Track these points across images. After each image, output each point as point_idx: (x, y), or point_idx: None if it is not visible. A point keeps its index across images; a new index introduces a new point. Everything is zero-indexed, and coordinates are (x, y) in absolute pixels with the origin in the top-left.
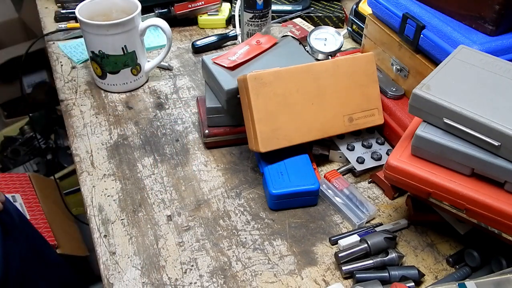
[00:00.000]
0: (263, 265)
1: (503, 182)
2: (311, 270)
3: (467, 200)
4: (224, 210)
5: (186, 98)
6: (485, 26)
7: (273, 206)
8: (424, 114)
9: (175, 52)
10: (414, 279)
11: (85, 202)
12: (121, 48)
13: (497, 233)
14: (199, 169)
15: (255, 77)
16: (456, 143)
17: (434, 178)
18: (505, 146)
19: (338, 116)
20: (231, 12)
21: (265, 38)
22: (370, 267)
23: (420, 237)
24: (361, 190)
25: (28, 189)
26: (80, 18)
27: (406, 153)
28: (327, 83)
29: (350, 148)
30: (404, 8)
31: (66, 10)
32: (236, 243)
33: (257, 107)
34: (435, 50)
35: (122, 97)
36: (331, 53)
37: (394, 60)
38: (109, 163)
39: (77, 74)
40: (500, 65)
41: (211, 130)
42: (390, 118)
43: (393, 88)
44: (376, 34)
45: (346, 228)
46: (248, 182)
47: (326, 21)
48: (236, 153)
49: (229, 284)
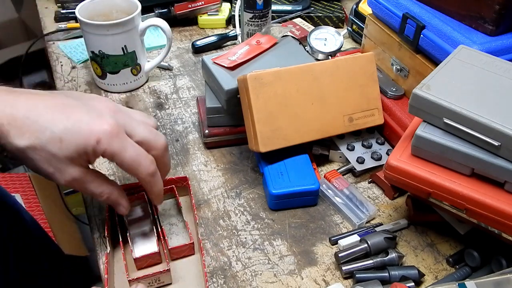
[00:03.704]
0: (263, 265)
1: (503, 182)
2: (311, 270)
3: (467, 200)
4: (224, 210)
5: (186, 98)
6: (485, 26)
7: (273, 206)
8: (424, 114)
9: (175, 52)
10: (414, 279)
11: (85, 202)
12: (121, 48)
13: (497, 233)
14: (199, 169)
15: (255, 77)
16: (456, 143)
17: (434, 178)
18: (505, 146)
19: (338, 116)
20: (231, 12)
21: (265, 38)
22: (370, 267)
23: (420, 237)
24: (361, 190)
25: (28, 189)
26: (80, 18)
27: (406, 153)
28: (327, 83)
29: (350, 148)
30: (404, 8)
31: (66, 10)
32: (236, 243)
33: (257, 107)
34: (435, 50)
35: (122, 97)
36: (331, 53)
37: (394, 60)
38: (109, 163)
39: (77, 74)
40: (500, 65)
41: (211, 130)
42: (390, 118)
43: (393, 88)
44: (376, 34)
45: (346, 228)
46: (248, 182)
47: (326, 21)
48: (236, 153)
49: (229, 284)
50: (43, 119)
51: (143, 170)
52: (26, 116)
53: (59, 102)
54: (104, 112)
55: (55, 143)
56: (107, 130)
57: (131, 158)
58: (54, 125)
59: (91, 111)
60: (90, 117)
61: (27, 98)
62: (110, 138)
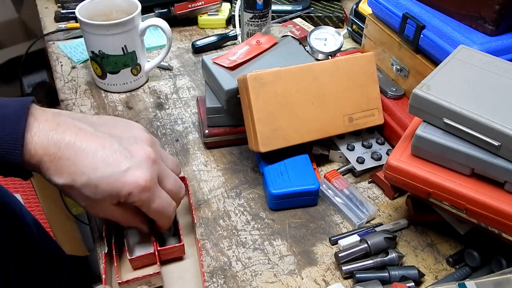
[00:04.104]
0: (263, 265)
1: (503, 182)
2: (311, 270)
3: (467, 200)
4: (224, 210)
5: (186, 98)
6: (485, 26)
7: (273, 206)
8: (424, 114)
9: (175, 52)
10: (414, 279)
11: None
12: (121, 48)
13: (497, 233)
14: (199, 169)
15: (255, 77)
16: (456, 143)
17: (434, 178)
18: (505, 146)
19: (338, 116)
20: (231, 12)
21: (265, 38)
22: (370, 267)
23: (420, 237)
24: (361, 190)
25: (28, 189)
26: (80, 18)
27: (406, 153)
28: (327, 83)
29: (350, 148)
30: (404, 8)
31: (66, 10)
32: (236, 243)
33: (257, 107)
34: (435, 50)
35: (122, 97)
36: (331, 53)
37: (394, 60)
38: None
39: (77, 74)
40: (500, 65)
41: (211, 130)
42: (390, 118)
43: (393, 88)
44: (376, 34)
45: (346, 228)
46: (248, 182)
47: (326, 21)
48: (236, 153)
49: (229, 284)
50: (83, 164)
51: (165, 218)
52: (67, 157)
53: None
54: (142, 163)
55: (90, 188)
56: (141, 185)
57: (156, 209)
58: (92, 173)
59: (130, 158)
60: (128, 167)
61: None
62: (142, 192)
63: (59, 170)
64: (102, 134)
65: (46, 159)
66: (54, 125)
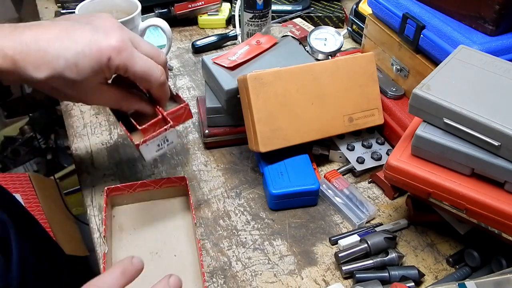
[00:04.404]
0: (263, 265)
1: (503, 182)
2: (311, 270)
3: (467, 200)
4: (224, 210)
5: (186, 98)
6: (485, 26)
7: (273, 206)
8: (424, 114)
9: (175, 52)
10: (414, 279)
11: (85, 202)
12: None
13: (497, 233)
14: (199, 169)
15: (255, 77)
16: (456, 143)
17: (434, 178)
18: (505, 146)
19: (338, 116)
20: (231, 12)
21: (265, 38)
22: (370, 267)
23: (420, 237)
24: (361, 190)
25: (28, 189)
26: None
27: (406, 153)
28: (327, 83)
29: (350, 148)
30: (404, 8)
31: (66, 10)
32: (236, 243)
33: (257, 107)
34: (435, 50)
35: None
36: (331, 53)
37: (394, 60)
38: (109, 163)
39: None
40: (500, 65)
41: (211, 130)
42: (390, 118)
43: (393, 88)
44: (376, 34)
45: (346, 228)
46: (248, 182)
47: (326, 21)
48: (236, 153)
49: (229, 284)
50: (53, 48)
51: (155, 80)
52: (36, 49)
53: (63, 28)
54: (109, 29)
55: (71, 69)
56: (116, 46)
57: (142, 69)
58: (66, 52)
59: (96, 29)
60: (97, 36)
61: (32, 30)
62: (119, 53)
63: (35, 64)
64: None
65: (18, 57)
66: (13, 29)
